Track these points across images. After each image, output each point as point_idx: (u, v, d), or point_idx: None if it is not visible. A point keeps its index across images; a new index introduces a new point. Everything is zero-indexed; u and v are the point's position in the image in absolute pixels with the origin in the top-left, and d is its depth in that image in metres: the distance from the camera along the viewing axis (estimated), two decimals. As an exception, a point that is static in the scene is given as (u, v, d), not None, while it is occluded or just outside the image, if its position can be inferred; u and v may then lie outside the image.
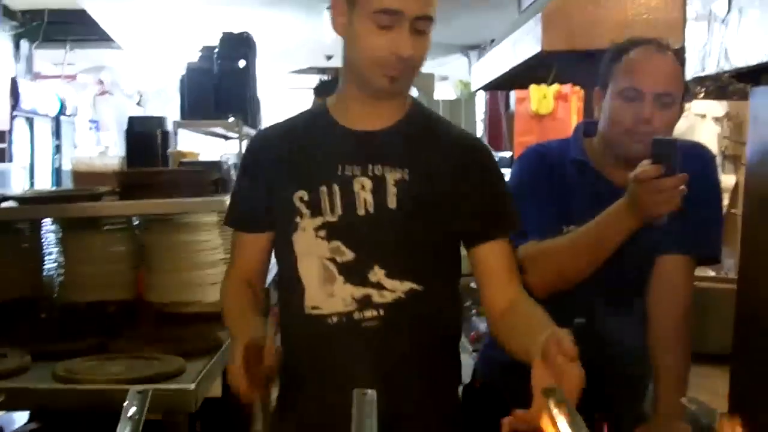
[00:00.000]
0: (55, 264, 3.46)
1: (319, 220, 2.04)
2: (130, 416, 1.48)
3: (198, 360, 2.73)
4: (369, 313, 2.01)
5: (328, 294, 2.03)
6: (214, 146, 7.73)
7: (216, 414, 3.34)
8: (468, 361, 2.75)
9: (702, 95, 2.77)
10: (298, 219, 2.04)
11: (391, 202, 2.03)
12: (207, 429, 3.31)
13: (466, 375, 2.46)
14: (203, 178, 3.25)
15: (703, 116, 4.37)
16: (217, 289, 2.26)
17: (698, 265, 2.50)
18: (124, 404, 1.51)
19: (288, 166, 2.10)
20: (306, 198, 2.05)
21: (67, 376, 2.58)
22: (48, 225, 3.52)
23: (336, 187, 2.03)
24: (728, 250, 2.69)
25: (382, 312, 2.02)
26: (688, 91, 2.42)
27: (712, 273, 3.40)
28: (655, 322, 2.41)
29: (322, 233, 2.03)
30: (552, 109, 4.88)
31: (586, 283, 2.34)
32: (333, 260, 2.02)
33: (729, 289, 2.59)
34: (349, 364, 2.00)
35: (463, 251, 2.14)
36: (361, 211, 2.03)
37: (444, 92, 10.80)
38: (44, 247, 3.51)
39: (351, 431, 1.41)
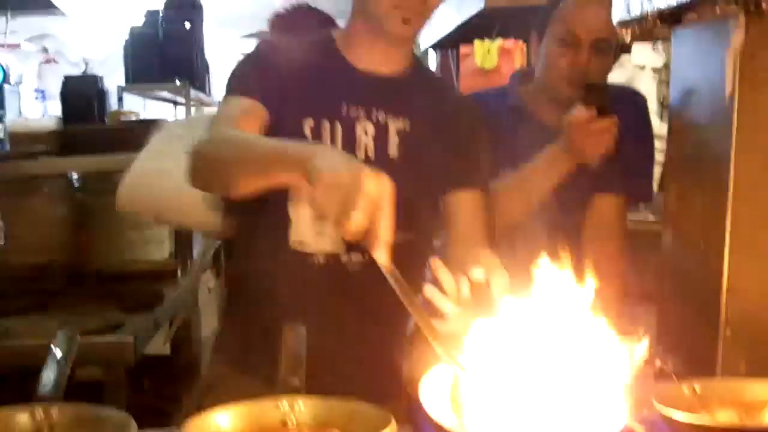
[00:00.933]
0: (-6, 227, 3.44)
1: None
2: (58, 359, 1.50)
3: (139, 315, 2.74)
4: (356, 257, 1.99)
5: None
6: (165, 113, 7.70)
7: (165, 372, 3.35)
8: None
9: (628, 38, 2.81)
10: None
11: (392, 152, 2.02)
12: (155, 387, 3.33)
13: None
14: (141, 135, 3.23)
15: (642, 67, 4.42)
16: (158, 248, 2.25)
17: (631, 203, 2.57)
18: (50, 346, 1.52)
19: (298, 88, 2.00)
20: (312, 126, 1.98)
21: (3, 333, 2.58)
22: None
23: (338, 125, 1.99)
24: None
25: (368, 257, 2.00)
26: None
27: (651, 217, 3.45)
28: (590, 260, 2.46)
29: None
30: (496, 63, 4.91)
31: (525, 227, 2.39)
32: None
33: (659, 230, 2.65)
34: (327, 304, 1.98)
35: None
36: (360, 155, 2.00)
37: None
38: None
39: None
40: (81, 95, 3.41)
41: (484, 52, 4.93)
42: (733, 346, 1.85)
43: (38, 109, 13.15)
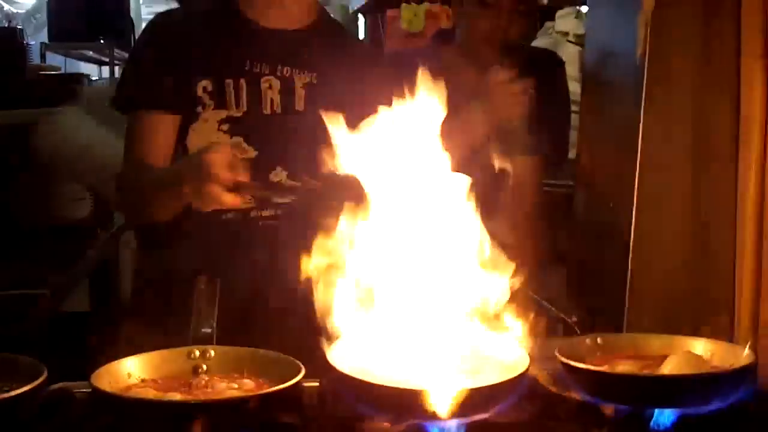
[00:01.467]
0: None
1: (223, 113, 2.02)
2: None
3: (58, 272, 2.73)
4: (267, 213, 2.02)
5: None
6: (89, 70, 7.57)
7: (84, 329, 3.34)
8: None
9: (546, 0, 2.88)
10: (200, 109, 2.01)
11: (299, 105, 2.05)
12: (74, 344, 3.31)
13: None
14: (61, 90, 3.19)
15: (566, 34, 4.47)
16: (81, 205, 2.24)
17: (549, 166, 2.62)
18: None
19: (192, 53, 2.04)
20: (210, 88, 2.02)
21: None
22: None
23: (243, 82, 2.02)
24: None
25: (280, 211, 2.03)
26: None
27: (570, 183, 3.51)
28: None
29: (225, 127, 2.02)
30: (423, 27, 4.94)
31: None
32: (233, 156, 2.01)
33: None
34: (242, 260, 2.00)
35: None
36: (267, 110, 2.03)
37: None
38: None
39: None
40: (1, 48, 3.34)
41: (411, 16, 4.97)
42: (638, 301, 1.91)
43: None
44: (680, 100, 1.93)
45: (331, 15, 2.41)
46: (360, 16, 8.90)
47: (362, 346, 1.42)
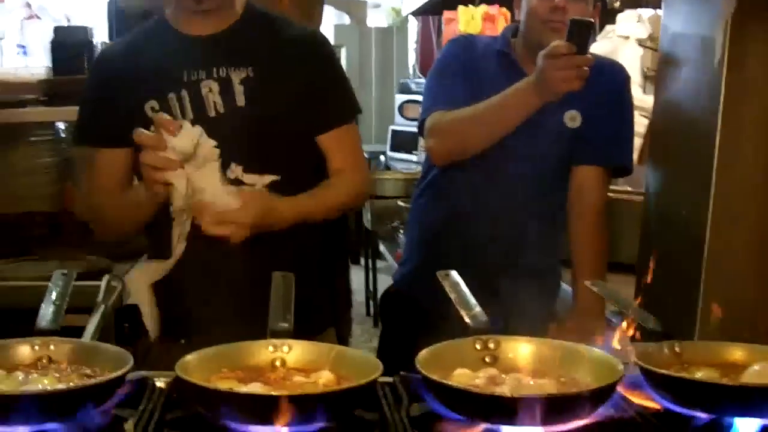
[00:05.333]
0: (-19, 176, 3.43)
1: None
2: (54, 299, 1.52)
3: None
4: None
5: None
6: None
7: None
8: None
9: (618, 3, 2.86)
10: (152, 129, 2.02)
11: (240, 101, 2.11)
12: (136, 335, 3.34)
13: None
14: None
15: (627, 38, 4.42)
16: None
17: (612, 176, 2.61)
18: (48, 285, 1.55)
19: (135, 78, 2.13)
20: (157, 107, 2.10)
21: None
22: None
23: (185, 93, 2.10)
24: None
25: None
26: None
27: (629, 188, 3.49)
28: (574, 226, 2.52)
29: None
30: (480, 29, 4.94)
31: (508, 194, 2.43)
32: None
33: (639, 201, 2.69)
34: (217, 259, 2.05)
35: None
36: (211, 113, 2.10)
37: (376, 20, 10.73)
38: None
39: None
40: (70, 45, 3.39)
41: (468, 18, 4.97)
42: (710, 310, 1.89)
43: (20, 64, 13.02)
44: (758, 109, 1.91)
45: (383, 16, 2.44)
46: (412, 18, 8.92)
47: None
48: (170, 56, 2.14)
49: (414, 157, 7.46)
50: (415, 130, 3.15)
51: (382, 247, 6.18)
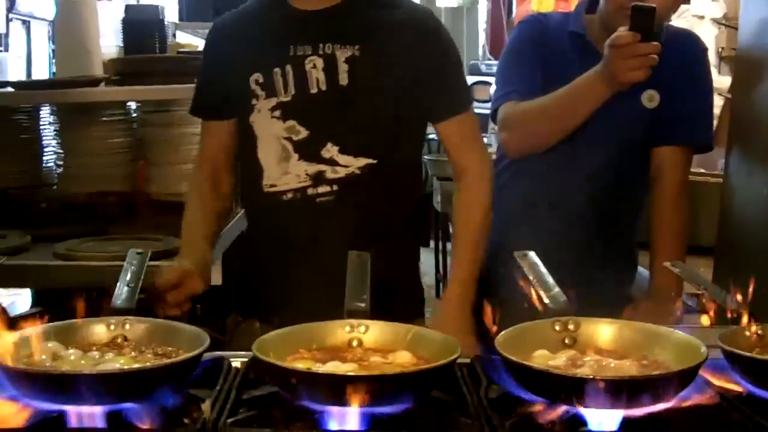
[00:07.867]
0: (54, 156, 3.47)
1: (273, 101, 2.10)
2: (129, 279, 1.53)
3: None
4: (323, 189, 2.08)
5: (283, 171, 2.10)
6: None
7: (216, 301, 3.38)
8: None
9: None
10: (254, 101, 2.10)
11: (343, 79, 2.08)
12: (207, 316, 3.36)
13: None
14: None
15: (702, 17, 4.36)
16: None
17: (694, 153, 2.54)
18: (124, 264, 1.56)
19: (243, 51, 2.15)
20: (261, 80, 2.10)
21: (67, 254, 2.64)
22: (46, 116, 3.52)
23: (289, 68, 2.09)
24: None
25: (335, 187, 2.08)
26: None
27: (703, 170, 3.44)
28: (655, 207, 2.46)
29: (277, 113, 2.10)
30: (553, 8, 4.89)
31: (585, 180, 2.39)
32: (289, 139, 2.09)
33: (717, 183, 2.63)
34: (305, 239, 2.09)
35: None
36: (313, 89, 2.08)
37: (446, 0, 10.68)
38: (43, 139, 3.52)
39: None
40: (141, 24, 3.41)
41: (542, -2, 4.91)
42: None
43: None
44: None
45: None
46: (483, -1, 8.86)
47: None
48: (278, 30, 2.14)
49: (485, 139, 7.42)
50: (485, 111, 3.11)
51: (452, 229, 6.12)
